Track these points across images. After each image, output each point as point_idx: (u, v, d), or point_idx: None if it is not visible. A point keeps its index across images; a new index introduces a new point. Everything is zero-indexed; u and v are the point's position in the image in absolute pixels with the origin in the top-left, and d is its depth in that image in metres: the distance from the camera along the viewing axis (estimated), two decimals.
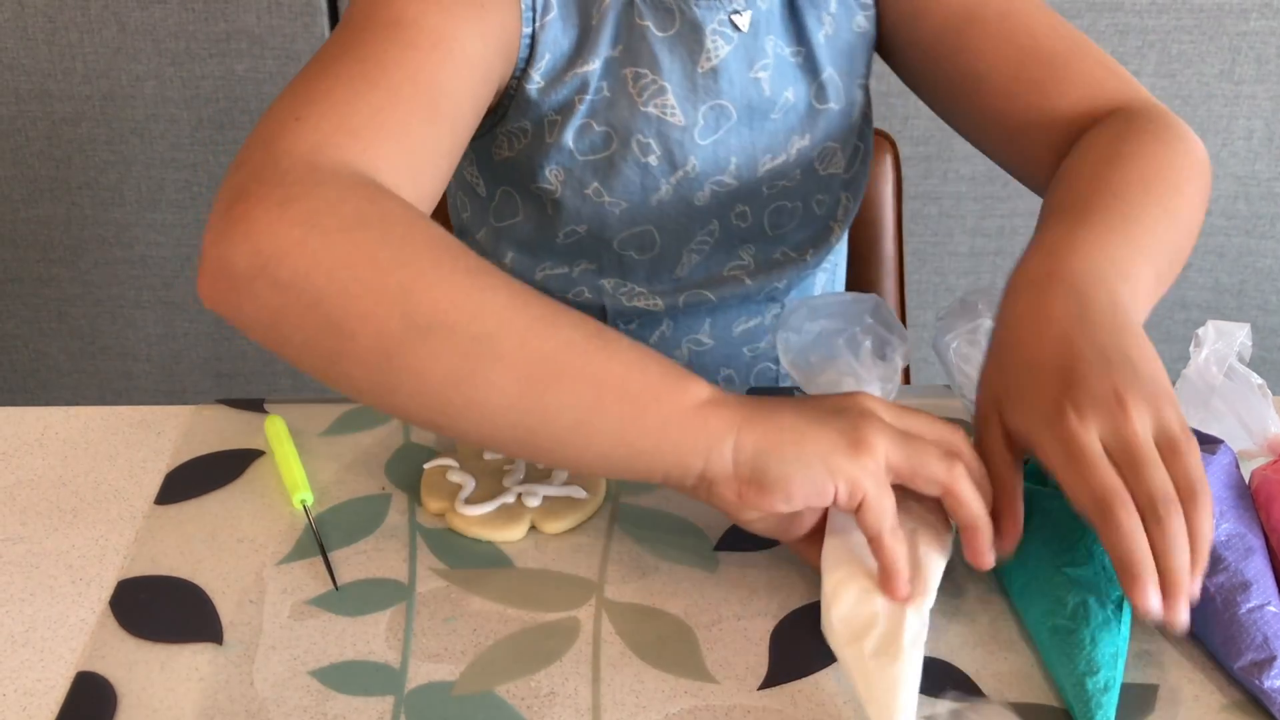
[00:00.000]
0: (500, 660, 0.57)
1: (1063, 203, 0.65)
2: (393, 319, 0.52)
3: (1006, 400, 0.57)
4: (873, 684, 0.53)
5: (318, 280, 0.52)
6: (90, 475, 0.69)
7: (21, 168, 1.68)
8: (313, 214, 0.53)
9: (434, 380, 0.52)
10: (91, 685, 0.56)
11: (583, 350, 0.53)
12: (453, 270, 0.53)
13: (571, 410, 0.53)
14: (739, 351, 0.87)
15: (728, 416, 0.53)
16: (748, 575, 0.62)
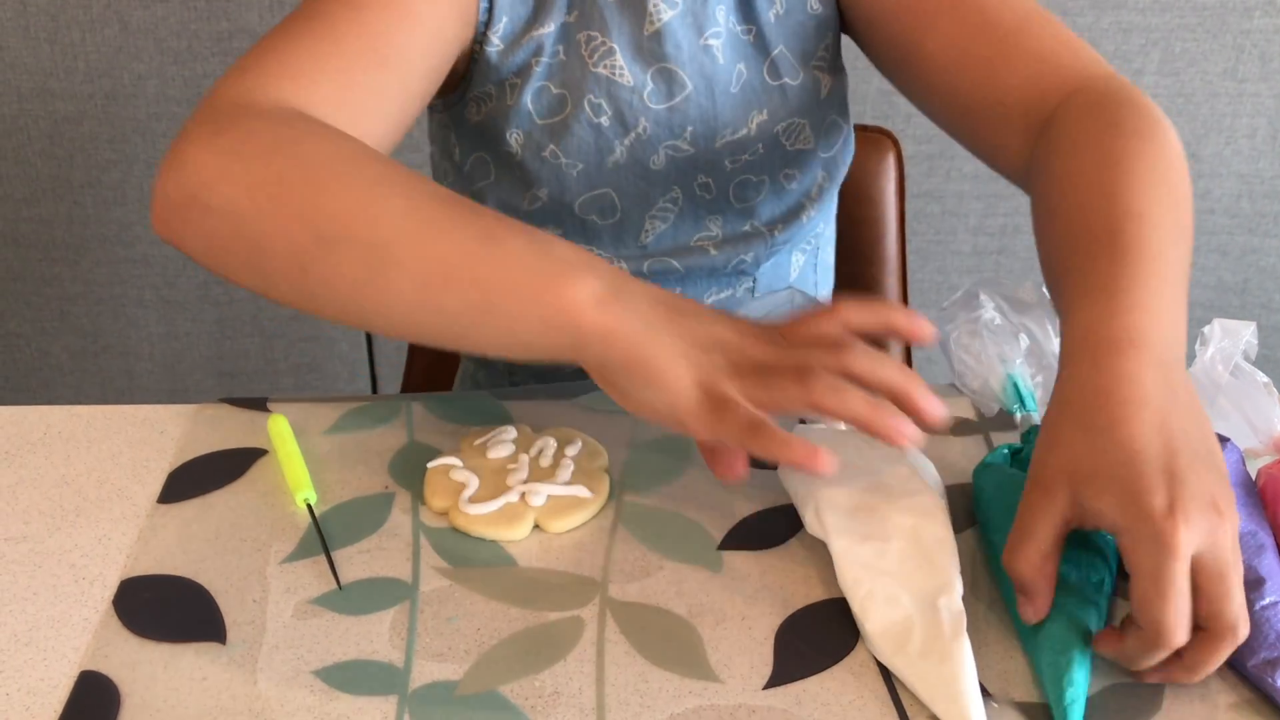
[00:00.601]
0: (504, 660, 0.57)
1: (1088, 230, 0.61)
2: (303, 234, 0.56)
3: (1095, 480, 0.53)
4: (932, 685, 0.53)
5: (240, 203, 0.56)
6: (93, 474, 0.69)
7: (23, 166, 1.68)
8: (236, 143, 0.57)
9: (343, 288, 0.56)
10: (95, 685, 0.55)
11: (473, 253, 0.55)
12: (355, 181, 0.57)
13: (464, 311, 0.56)
14: None
15: (598, 328, 0.55)
16: (752, 574, 0.62)
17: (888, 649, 0.56)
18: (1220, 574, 0.51)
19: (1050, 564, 0.55)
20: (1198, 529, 0.51)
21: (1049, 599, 0.55)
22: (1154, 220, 0.61)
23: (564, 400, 0.76)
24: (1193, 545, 0.50)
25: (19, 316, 1.80)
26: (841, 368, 0.56)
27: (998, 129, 0.73)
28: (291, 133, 0.59)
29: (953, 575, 0.58)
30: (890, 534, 0.60)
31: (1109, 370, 0.55)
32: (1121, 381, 0.54)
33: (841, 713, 0.54)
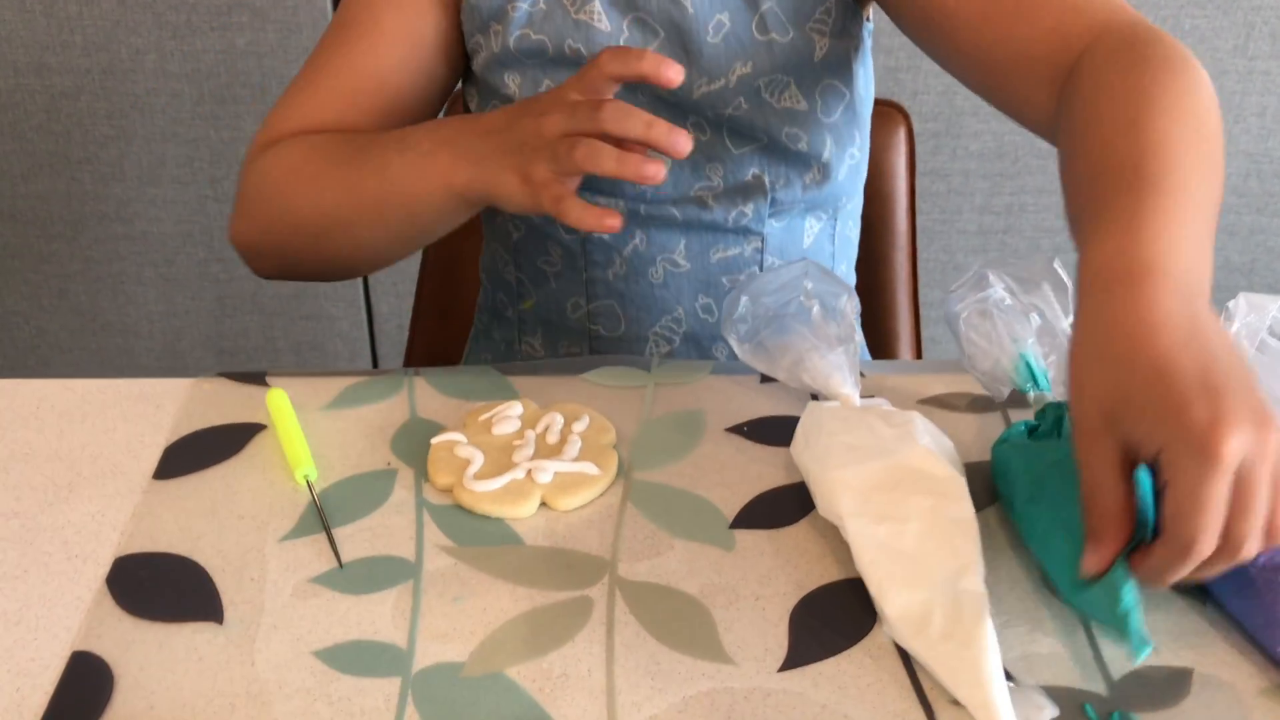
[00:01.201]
0: (511, 641, 0.55)
1: (1110, 164, 0.60)
2: (301, 238, 0.78)
3: (1130, 407, 0.50)
4: (954, 669, 0.52)
5: (262, 247, 0.80)
6: (87, 449, 0.67)
7: (20, 142, 1.67)
8: (245, 211, 0.80)
9: (326, 255, 0.79)
10: (87, 665, 0.54)
11: (381, 191, 0.73)
12: (306, 186, 0.76)
13: (399, 223, 0.75)
14: (717, 280, 0.86)
15: (463, 186, 0.70)
16: (765, 553, 0.60)
17: (907, 632, 0.54)
18: (1257, 488, 0.48)
19: (1128, 510, 0.51)
20: (1244, 439, 0.48)
21: (1118, 549, 0.52)
22: (1179, 152, 0.59)
23: (570, 375, 0.74)
24: (1239, 456, 0.48)
25: (17, 294, 1.79)
26: (598, 128, 0.64)
27: (1025, 82, 0.71)
28: (269, 180, 0.78)
29: (974, 556, 0.56)
30: (908, 515, 0.58)
31: (1127, 299, 0.53)
32: (1140, 307, 0.52)
33: (859, 696, 0.53)
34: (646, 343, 0.87)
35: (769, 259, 0.86)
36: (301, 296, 1.77)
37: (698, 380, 0.74)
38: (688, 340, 0.87)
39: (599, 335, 0.88)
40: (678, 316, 0.86)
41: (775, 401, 0.72)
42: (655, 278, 0.85)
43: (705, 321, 0.87)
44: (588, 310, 0.87)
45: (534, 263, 0.88)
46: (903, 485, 0.59)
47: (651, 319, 0.87)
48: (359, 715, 0.51)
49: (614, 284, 0.86)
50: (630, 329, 0.87)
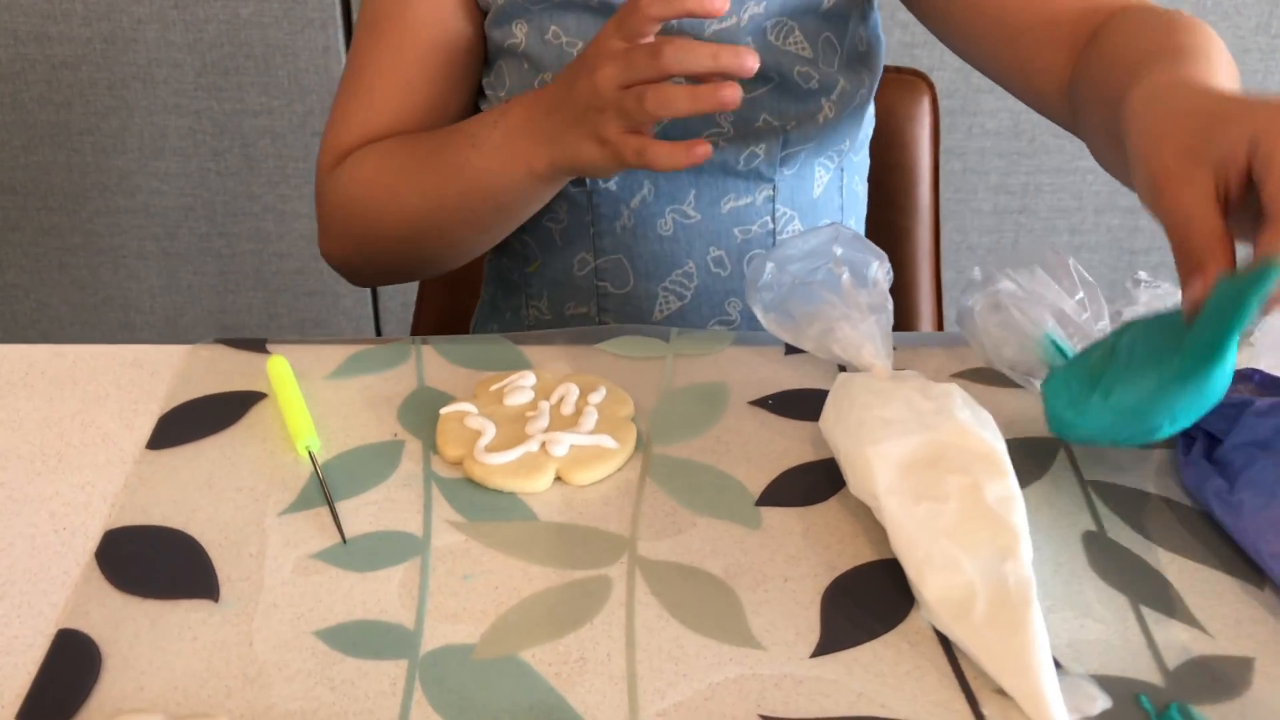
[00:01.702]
0: (525, 622, 0.52)
1: (1144, 57, 0.62)
2: (393, 247, 0.80)
3: (1211, 126, 0.51)
4: (999, 657, 0.48)
5: (355, 261, 0.83)
6: (77, 417, 0.64)
7: (20, 113, 1.65)
8: (332, 231, 0.82)
9: (422, 258, 0.82)
10: (73, 644, 0.50)
11: (456, 197, 0.75)
12: (386, 195, 0.78)
13: (487, 214, 0.77)
14: (728, 231, 0.84)
15: (545, 169, 0.71)
16: (794, 532, 0.57)
17: (948, 617, 0.51)
18: None
19: (1227, 235, 0.50)
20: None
21: (1220, 268, 0.50)
22: (1205, 55, 0.62)
23: (585, 345, 0.71)
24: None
25: (17, 267, 1.76)
26: (662, 72, 0.63)
27: (1045, 45, 0.73)
28: (342, 199, 0.80)
29: (1019, 537, 0.52)
30: (947, 493, 0.54)
31: (1176, 90, 0.56)
32: (1196, 75, 0.57)
33: (898, 684, 0.49)
34: (656, 300, 0.84)
35: (780, 209, 0.83)
36: (305, 272, 1.75)
37: (719, 351, 0.71)
38: (699, 296, 0.84)
39: (607, 293, 0.85)
40: (688, 271, 0.83)
41: (801, 374, 0.69)
42: (664, 230, 0.83)
43: (717, 275, 0.84)
44: (595, 267, 0.84)
45: (539, 222, 0.85)
46: (942, 462, 0.56)
47: (661, 273, 0.84)
48: (363, 699, 0.48)
49: (622, 238, 0.83)
50: (639, 285, 0.84)
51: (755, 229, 0.83)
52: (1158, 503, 0.59)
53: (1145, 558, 0.56)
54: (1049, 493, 0.60)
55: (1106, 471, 0.61)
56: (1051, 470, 0.62)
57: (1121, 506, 0.59)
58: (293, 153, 1.66)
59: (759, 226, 0.83)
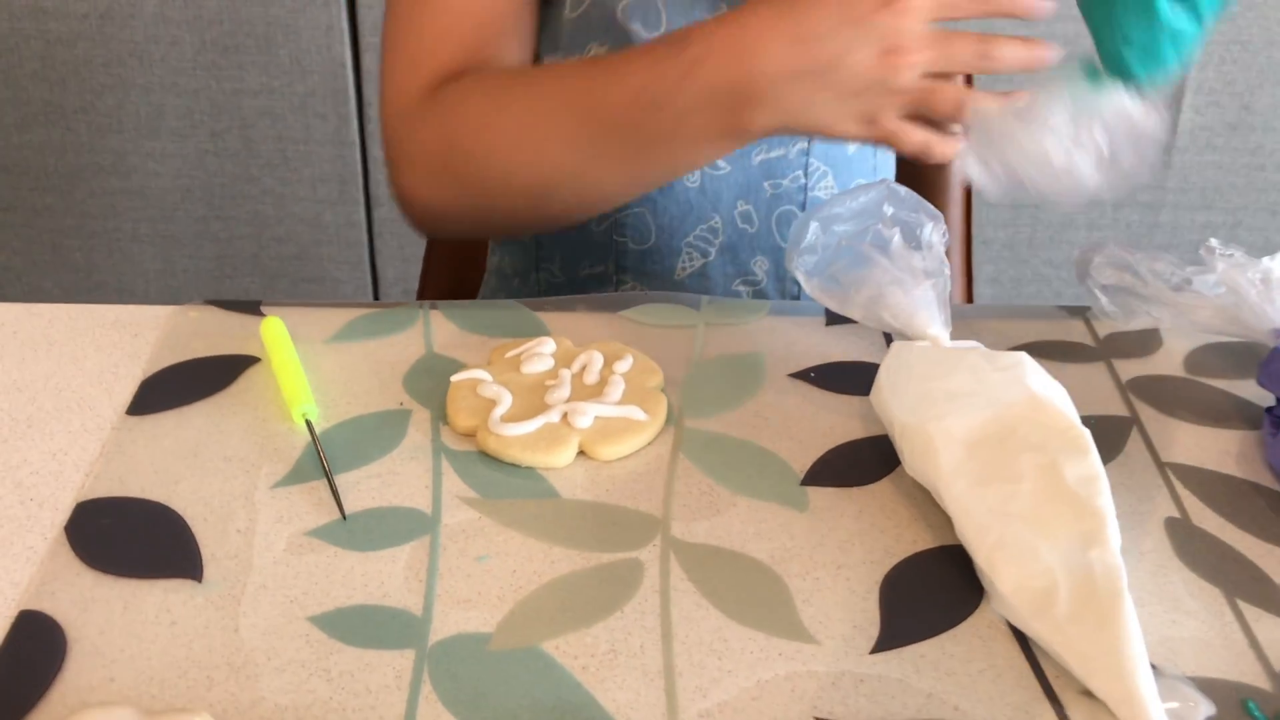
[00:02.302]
0: (547, 609, 0.46)
1: None
2: (512, 193, 0.69)
3: None
4: (1086, 656, 0.42)
5: (454, 208, 0.72)
6: (51, 380, 0.58)
7: (14, 90, 1.60)
8: (421, 172, 0.71)
9: (541, 212, 0.72)
10: (36, 627, 0.44)
11: (618, 154, 0.66)
12: (516, 142, 0.68)
13: (624, 182, 0.69)
14: (759, 184, 0.78)
15: (764, 132, 0.63)
16: (845, 514, 0.51)
17: (1025, 611, 0.45)
18: None
19: None
20: None
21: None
22: None
23: (608, 312, 0.65)
24: None
25: (9, 249, 1.72)
26: (992, 67, 0.60)
27: None
28: (442, 135, 0.70)
29: (1105, 521, 0.46)
30: (1021, 473, 0.48)
31: None
32: None
33: (971, 684, 0.43)
34: (679, 256, 0.78)
35: (813, 163, 0.78)
36: (304, 257, 1.70)
37: (754, 321, 0.65)
38: (724, 252, 0.79)
39: (626, 250, 0.79)
40: (714, 225, 0.78)
41: (844, 345, 0.63)
42: (691, 181, 0.77)
43: (744, 231, 0.79)
44: (614, 221, 0.78)
45: None
46: (1014, 438, 0.50)
47: (685, 228, 0.78)
48: (364, 694, 0.42)
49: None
50: (661, 239, 0.78)
51: (786, 183, 0.78)
52: (1244, 487, 0.54)
53: (1237, 546, 0.50)
54: (1124, 476, 0.54)
55: (1185, 453, 0.56)
56: (1125, 451, 0.56)
57: (1205, 490, 0.53)
58: (293, 135, 1.61)
59: (790, 180, 0.78)
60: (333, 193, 1.65)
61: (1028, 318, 0.66)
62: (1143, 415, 0.58)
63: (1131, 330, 0.65)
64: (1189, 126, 1.60)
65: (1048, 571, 0.45)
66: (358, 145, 1.61)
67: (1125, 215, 1.68)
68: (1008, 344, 0.63)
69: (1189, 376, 0.62)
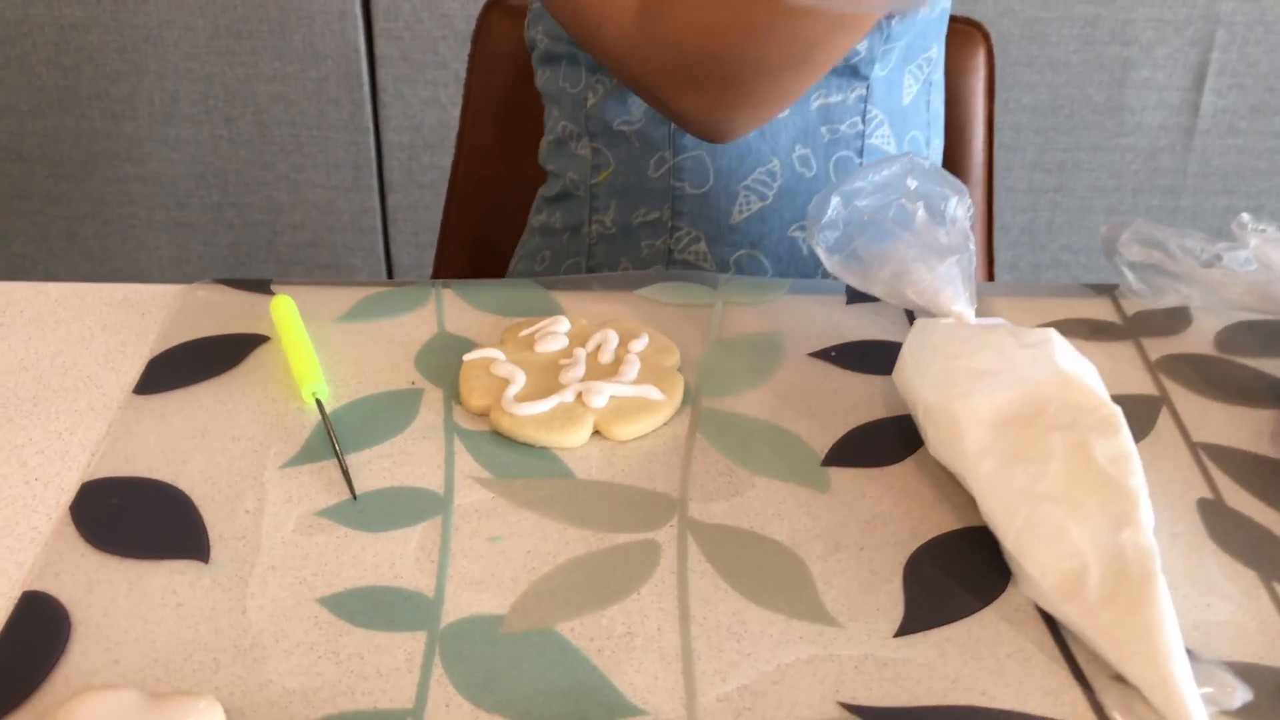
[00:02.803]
0: (561, 591, 0.45)
1: None
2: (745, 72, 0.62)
3: None
4: (1119, 641, 0.41)
5: (739, 103, 0.64)
6: (57, 359, 0.57)
7: (28, 76, 1.59)
8: (681, 92, 0.64)
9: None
10: (39, 608, 0.43)
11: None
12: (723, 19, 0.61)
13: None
14: (816, 129, 0.78)
15: None
16: (867, 495, 0.50)
17: (1055, 595, 0.43)
18: None
19: None
20: None
21: None
22: None
23: (623, 291, 0.64)
24: None
25: (24, 236, 1.71)
26: None
27: None
28: (680, 44, 0.62)
29: (1137, 501, 0.45)
30: (1050, 453, 0.47)
31: None
32: None
33: (998, 669, 0.42)
34: (736, 199, 0.78)
35: (871, 111, 0.78)
36: (318, 245, 1.69)
37: (773, 299, 0.63)
38: (782, 196, 0.78)
39: (683, 194, 0.78)
40: (772, 169, 0.77)
41: (865, 324, 0.61)
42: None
43: (802, 175, 0.78)
44: (673, 166, 0.78)
45: (610, 127, 0.79)
46: (1042, 417, 0.48)
47: (744, 171, 0.77)
48: (374, 677, 0.41)
49: None
50: (719, 183, 0.78)
51: (844, 129, 0.78)
52: (1277, 467, 0.52)
53: (1273, 529, 0.49)
54: (1154, 457, 0.52)
55: (1216, 433, 0.54)
56: (1155, 430, 0.54)
57: (1238, 471, 0.52)
58: (307, 120, 1.60)
59: (848, 127, 0.78)
60: (346, 179, 1.64)
61: (1054, 296, 0.64)
62: (1173, 394, 0.57)
63: (1160, 308, 0.63)
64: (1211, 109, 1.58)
65: (1078, 553, 0.44)
66: (371, 131, 1.60)
67: (1145, 200, 1.66)
68: (1033, 322, 0.61)
69: (1220, 355, 0.60)
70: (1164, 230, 0.61)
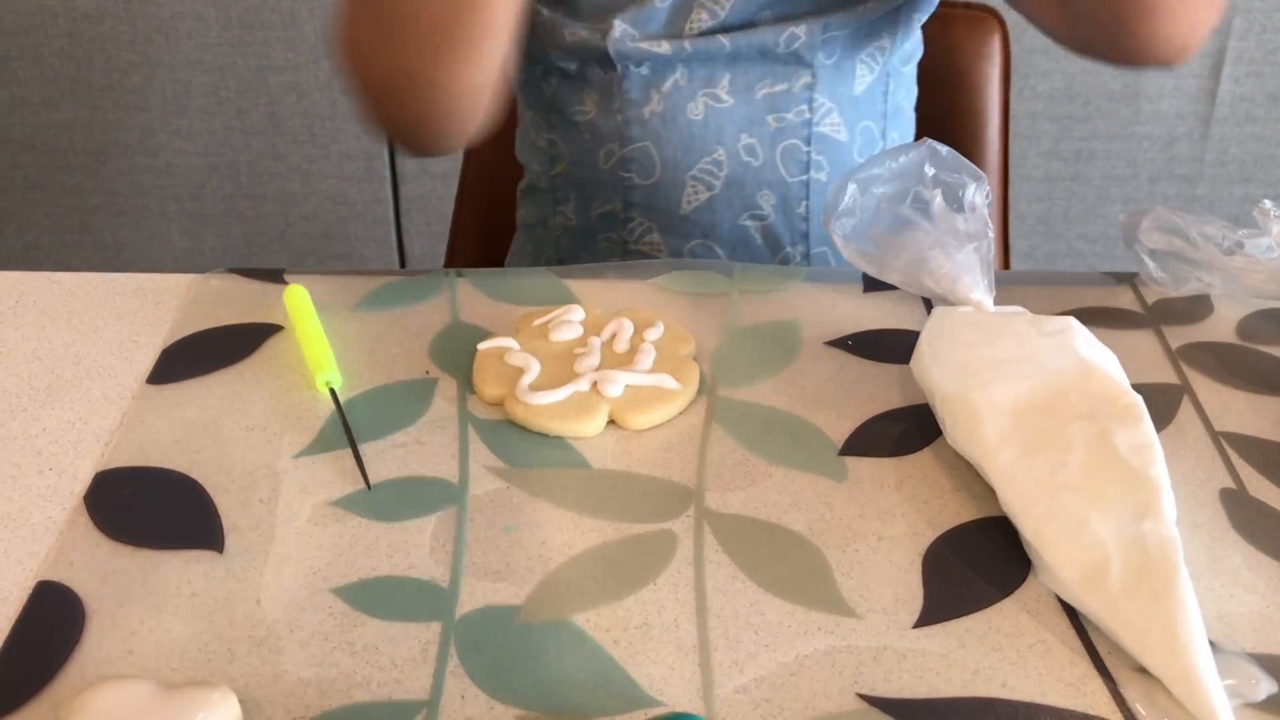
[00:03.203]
0: (577, 581, 0.44)
1: None
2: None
3: None
4: (1141, 632, 0.41)
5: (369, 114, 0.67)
6: (71, 349, 0.57)
7: (41, 67, 1.59)
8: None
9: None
10: (54, 598, 0.43)
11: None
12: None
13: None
14: (762, 117, 0.77)
15: None
16: (886, 485, 0.49)
17: (1076, 586, 0.43)
18: None
19: None
20: None
21: None
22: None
23: (638, 280, 0.63)
24: None
25: (38, 227, 1.72)
26: None
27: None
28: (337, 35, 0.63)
29: (1159, 491, 0.44)
30: (1070, 442, 0.47)
31: None
32: None
33: (1019, 660, 0.41)
34: (684, 189, 0.77)
35: (818, 99, 0.76)
36: (330, 236, 1.69)
37: (789, 287, 0.63)
38: (730, 185, 0.77)
39: (633, 185, 0.78)
40: (718, 159, 0.76)
41: (882, 312, 0.61)
42: (695, 114, 0.76)
43: (748, 164, 0.77)
44: (621, 157, 0.77)
45: (566, 115, 0.79)
46: (1062, 407, 0.48)
47: (689, 161, 0.77)
48: (389, 667, 0.41)
49: (650, 124, 0.76)
50: (666, 173, 0.77)
51: (790, 117, 0.76)
52: None
53: None
54: (1176, 445, 0.52)
55: (1239, 422, 0.54)
56: (1177, 420, 0.54)
57: (1261, 460, 0.51)
58: (319, 111, 1.60)
59: (795, 115, 0.76)
60: (359, 169, 1.63)
61: (1073, 284, 0.64)
62: (1194, 383, 0.56)
63: (1181, 296, 0.63)
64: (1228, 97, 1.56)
65: (1099, 544, 0.43)
66: None
67: (1162, 189, 1.65)
68: (1053, 311, 0.61)
69: (1242, 343, 0.59)
70: (1184, 217, 0.61)
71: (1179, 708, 0.40)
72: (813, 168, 0.78)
